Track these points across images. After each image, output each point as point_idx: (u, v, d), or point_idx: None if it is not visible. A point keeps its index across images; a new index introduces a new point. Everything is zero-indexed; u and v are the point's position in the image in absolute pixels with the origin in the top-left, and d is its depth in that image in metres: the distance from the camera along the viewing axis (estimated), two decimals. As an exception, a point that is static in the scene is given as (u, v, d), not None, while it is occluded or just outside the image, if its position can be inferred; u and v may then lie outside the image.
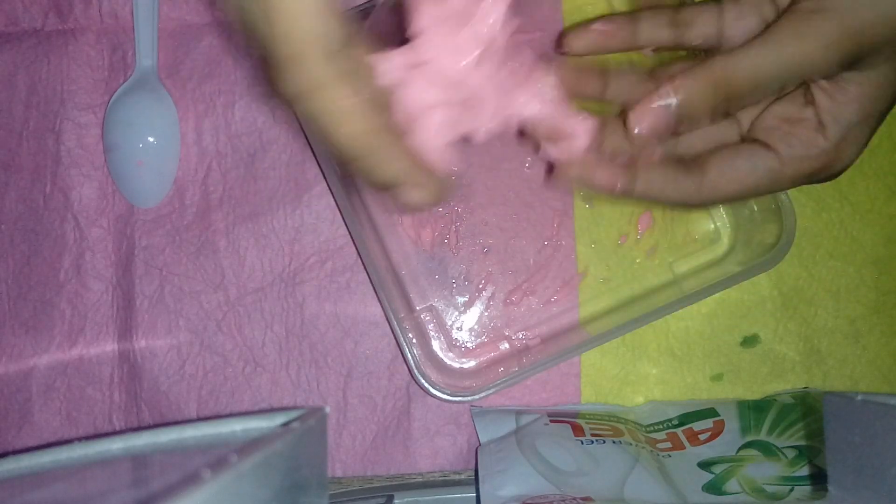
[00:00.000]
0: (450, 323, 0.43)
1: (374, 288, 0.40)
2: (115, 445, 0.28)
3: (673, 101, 0.31)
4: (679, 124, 0.31)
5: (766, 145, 0.33)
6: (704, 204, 0.35)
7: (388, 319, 0.40)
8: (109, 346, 0.44)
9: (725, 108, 0.32)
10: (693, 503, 0.37)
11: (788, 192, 0.40)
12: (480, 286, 0.44)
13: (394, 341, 0.43)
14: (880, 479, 0.26)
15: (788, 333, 0.44)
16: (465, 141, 0.31)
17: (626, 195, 0.34)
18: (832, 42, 0.30)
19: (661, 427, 0.42)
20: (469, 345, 0.43)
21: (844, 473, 0.28)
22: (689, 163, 0.34)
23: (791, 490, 0.38)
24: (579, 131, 0.33)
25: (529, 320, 0.43)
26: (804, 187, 0.44)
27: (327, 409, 0.28)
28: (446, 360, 0.43)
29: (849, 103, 0.32)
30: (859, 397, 0.27)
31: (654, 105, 0.31)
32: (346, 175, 0.43)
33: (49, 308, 0.44)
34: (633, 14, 0.37)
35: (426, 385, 0.39)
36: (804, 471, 0.38)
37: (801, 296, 0.44)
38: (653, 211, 0.44)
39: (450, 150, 0.30)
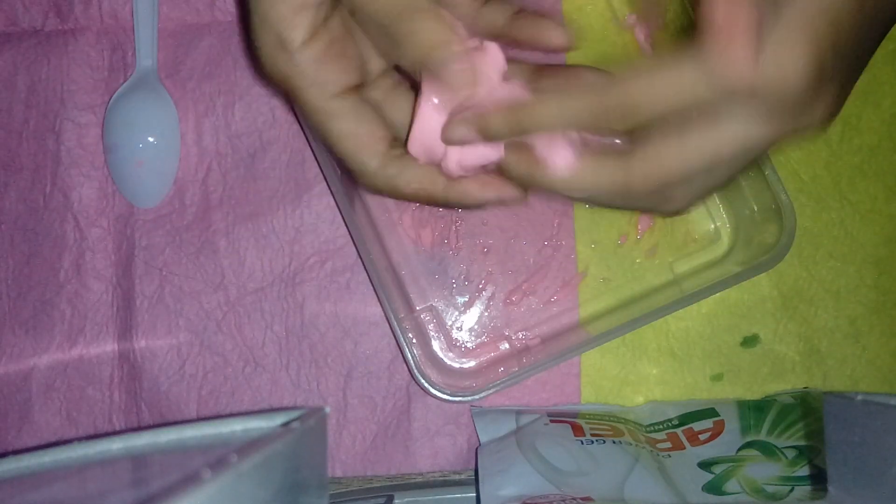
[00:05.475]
0: (450, 323, 0.43)
1: (374, 288, 0.40)
2: (115, 445, 0.27)
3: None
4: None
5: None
6: (642, 194, 0.27)
7: (388, 319, 0.40)
8: (109, 346, 0.44)
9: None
10: (693, 503, 0.37)
11: (788, 192, 0.40)
12: (480, 286, 0.44)
13: (394, 341, 0.43)
14: (880, 479, 0.26)
15: (788, 333, 0.44)
16: None
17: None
18: None
19: (661, 427, 0.42)
20: (469, 345, 0.43)
21: (844, 473, 0.28)
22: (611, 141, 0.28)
23: (791, 490, 0.38)
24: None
25: (529, 320, 0.43)
26: (804, 187, 0.44)
27: (327, 409, 0.28)
28: (446, 360, 0.43)
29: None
30: (859, 397, 0.27)
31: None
32: (346, 175, 0.43)
33: (49, 308, 0.44)
34: None
35: (426, 385, 0.39)
36: (804, 471, 0.38)
37: (801, 296, 0.44)
38: (653, 211, 0.44)
39: None
